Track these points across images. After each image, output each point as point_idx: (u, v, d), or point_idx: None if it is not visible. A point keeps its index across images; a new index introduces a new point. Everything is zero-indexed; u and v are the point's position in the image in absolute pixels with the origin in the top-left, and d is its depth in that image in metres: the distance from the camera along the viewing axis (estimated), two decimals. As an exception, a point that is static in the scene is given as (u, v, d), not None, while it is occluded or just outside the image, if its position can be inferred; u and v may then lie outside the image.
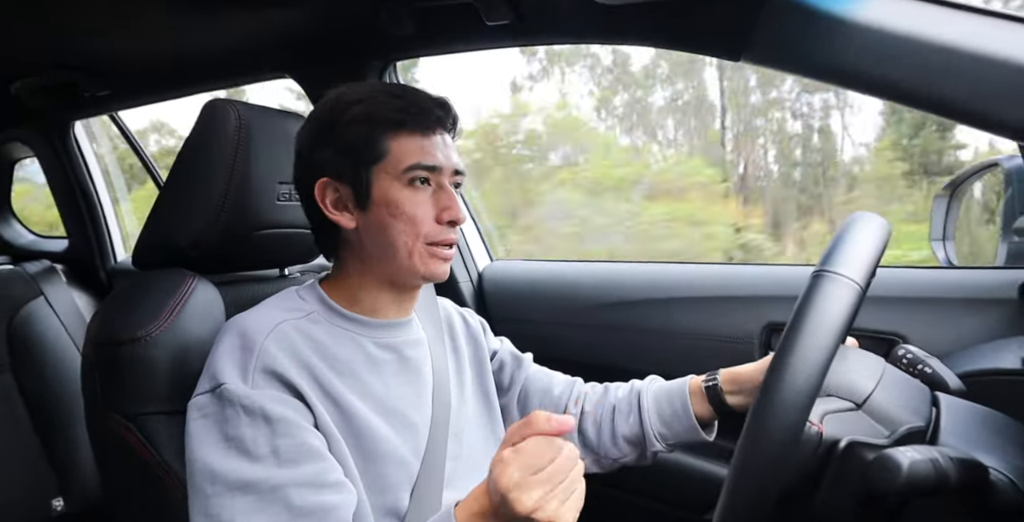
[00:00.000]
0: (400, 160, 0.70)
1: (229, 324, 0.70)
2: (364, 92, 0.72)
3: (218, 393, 0.64)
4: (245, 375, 0.64)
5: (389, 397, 0.72)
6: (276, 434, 0.63)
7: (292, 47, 1.24)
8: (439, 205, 0.72)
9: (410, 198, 0.70)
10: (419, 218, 0.70)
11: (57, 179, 1.89)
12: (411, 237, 0.71)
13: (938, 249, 1.07)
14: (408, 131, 0.70)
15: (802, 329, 0.48)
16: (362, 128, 0.70)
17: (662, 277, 1.20)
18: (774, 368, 0.48)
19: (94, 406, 0.73)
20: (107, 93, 1.50)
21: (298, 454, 0.63)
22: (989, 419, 0.57)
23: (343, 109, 0.71)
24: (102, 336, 0.73)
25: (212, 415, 0.64)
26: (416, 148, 0.70)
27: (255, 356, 0.65)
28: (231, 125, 0.79)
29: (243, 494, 0.60)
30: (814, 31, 0.75)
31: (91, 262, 1.94)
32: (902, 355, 0.70)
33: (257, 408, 0.63)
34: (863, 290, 0.49)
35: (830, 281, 0.49)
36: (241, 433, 0.62)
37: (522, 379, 0.92)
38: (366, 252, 0.73)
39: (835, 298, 0.48)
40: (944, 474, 0.45)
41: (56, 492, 1.39)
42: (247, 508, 0.60)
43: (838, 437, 0.50)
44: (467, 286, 1.37)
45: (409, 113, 0.70)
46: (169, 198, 0.82)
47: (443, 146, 0.72)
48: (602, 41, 1.02)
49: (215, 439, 0.63)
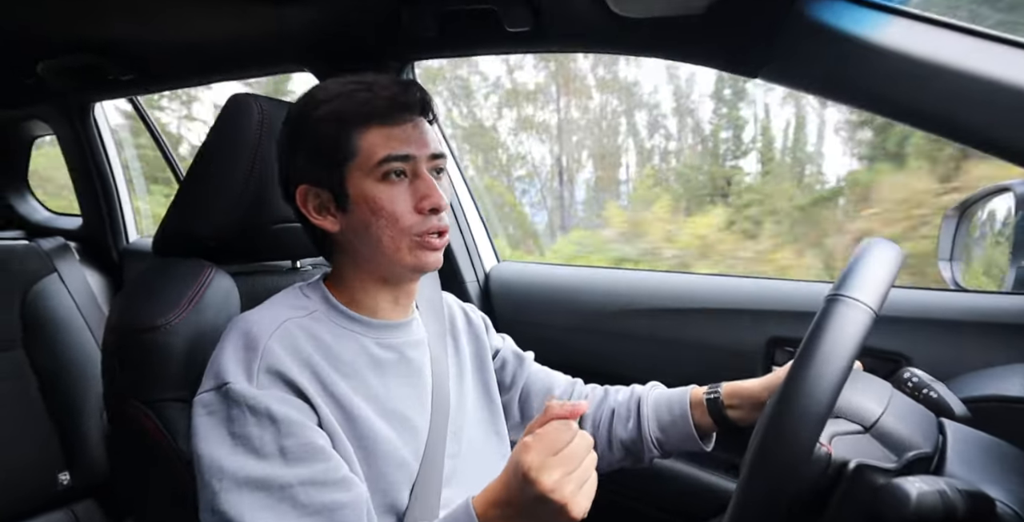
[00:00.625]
0: (370, 156, 0.68)
1: (234, 322, 0.70)
2: (333, 90, 0.70)
3: (223, 392, 0.64)
4: (250, 375, 0.65)
5: (390, 398, 0.73)
6: (282, 434, 0.63)
7: (313, 42, 1.24)
8: (417, 195, 0.70)
9: (386, 192, 0.69)
10: (399, 212, 0.69)
11: (74, 158, 1.92)
12: (395, 232, 0.70)
13: (945, 270, 1.07)
14: (376, 124, 0.69)
15: (816, 352, 0.48)
16: (330, 128, 0.69)
17: (669, 287, 1.20)
18: (787, 388, 0.48)
19: (112, 390, 0.75)
20: (129, 77, 1.52)
21: (304, 453, 0.63)
22: (994, 448, 0.57)
23: (311, 110, 0.70)
24: (123, 323, 0.75)
25: (217, 413, 0.64)
26: (385, 140, 0.69)
27: (259, 356, 0.66)
28: (253, 119, 0.80)
29: (251, 491, 0.61)
30: (834, 52, 0.75)
31: (103, 241, 1.96)
32: (907, 378, 0.70)
33: (263, 408, 0.63)
34: (875, 315, 0.50)
35: (845, 305, 0.49)
36: (247, 432, 0.63)
37: (524, 378, 0.93)
38: (356, 252, 0.74)
39: (849, 322, 0.49)
40: (952, 506, 0.45)
41: (63, 466, 1.41)
42: (255, 505, 0.61)
43: (847, 459, 0.51)
44: (473, 286, 1.38)
45: (374, 105, 0.69)
46: (190, 189, 0.83)
47: (415, 133, 0.70)
48: (619, 52, 1.02)
49: (221, 436, 0.63)
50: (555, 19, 0.99)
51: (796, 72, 0.81)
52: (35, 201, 2.23)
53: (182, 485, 0.70)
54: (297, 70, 1.39)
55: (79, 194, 1.99)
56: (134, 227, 2.02)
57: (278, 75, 1.54)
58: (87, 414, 1.44)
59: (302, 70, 1.36)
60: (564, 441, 0.56)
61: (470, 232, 1.41)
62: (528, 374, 0.93)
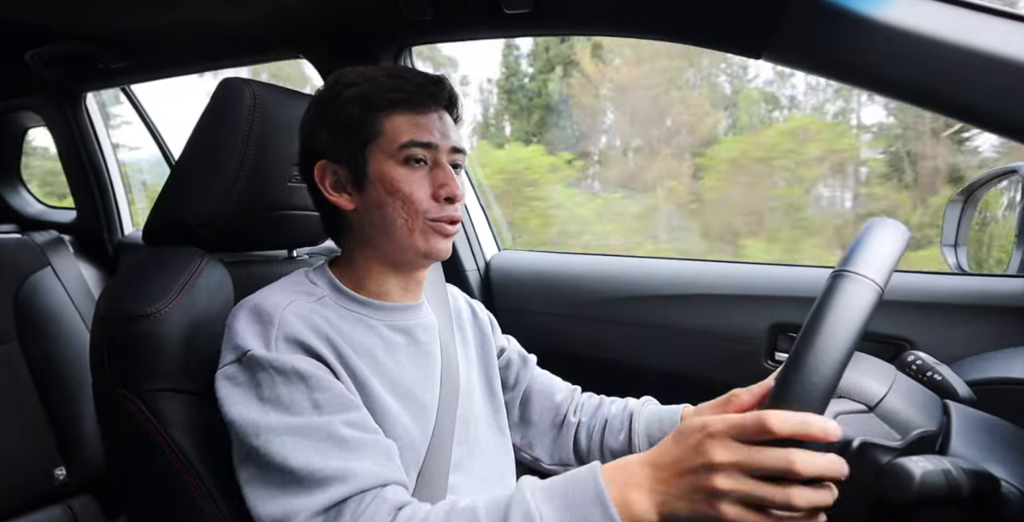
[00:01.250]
0: (394, 138, 0.70)
1: (240, 305, 0.70)
2: (362, 75, 0.72)
3: (246, 360, 0.64)
4: (268, 343, 0.65)
5: (403, 378, 0.73)
6: (312, 388, 0.63)
7: (308, 28, 1.22)
8: (436, 182, 0.71)
9: (405, 176, 0.70)
10: (416, 196, 0.70)
11: (67, 150, 1.89)
12: (410, 214, 0.71)
13: (949, 254, 1.06)
14: (402, 109, 0.70)
15: (821, 326, 0.47)
16: (356, 109, 0.70)
17: (670, 273, 1.19)
18: (791, 363, 0.48)
19: (102, 380, 0.73)
20: (121, 65, 1.49)
21: (339, 404, 0.63)
22: (999, 429, 0.57)
23: (339, 91, 0.71)
24: (112, 311, 0.73)
25: (244, 382, 0.64)
26: (410, 126, 0.70)
27: (276, 326, 0.66)
28: (246, 104, 0.78)
29: (292, 437, 0.60)
30: (838, 31, 0.74)
31: (98, 234, 1.94)
32: (911, 361, 0.70)
33: (289, 367, 0.63)
34: (882, 291, 0.49)
35: (850, 280, 0.48)
36: (277, 393, 0.62)
37: (527, 380, 0.92)
38: (367, 233, 0.74)
39: (855, 296, 0.48)
40: (956, 485, 0.45)
41: (58, 461, 1.41)
42: (297, 446, 0.60)
43: (851, 437, 0.50)
44: (474, 275, 1.37)
45: (403, 91, 0.70)
46: (181, 176, 0.82)
47: (439, 124, 0.72)
48: (620, 33, 1.00)
49: (250, 401, 0.63)
50: (556, 1, 0.97)
51: (800, 52, 0.80)
52: (28, 194, 2.20)
53: (175, 476, 0.69)
54: (292, 57, 1.37)
55: (72, 186, 1.97)
56: (129, 219, 2.00)
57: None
58: (83, 409, 1.43)
59: (298, 57, 1.34)
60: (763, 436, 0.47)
61: (471, 221, 1.40)
62: (531, 376, 0.93)
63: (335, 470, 0.59)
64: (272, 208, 0.83)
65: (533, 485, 0.56)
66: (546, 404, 0.91)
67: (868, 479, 0.49)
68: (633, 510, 0.52)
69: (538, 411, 0.91)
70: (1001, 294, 0.91)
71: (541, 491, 0.55)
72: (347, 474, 0.59)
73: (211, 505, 0.69)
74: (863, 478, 0.49)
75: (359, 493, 0.59)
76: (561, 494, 0.54)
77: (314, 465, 0.59)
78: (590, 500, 0.52)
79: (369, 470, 0.60)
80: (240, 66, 1.50)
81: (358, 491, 0.59)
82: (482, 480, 0.78)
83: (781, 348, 1.05)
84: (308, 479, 0.59)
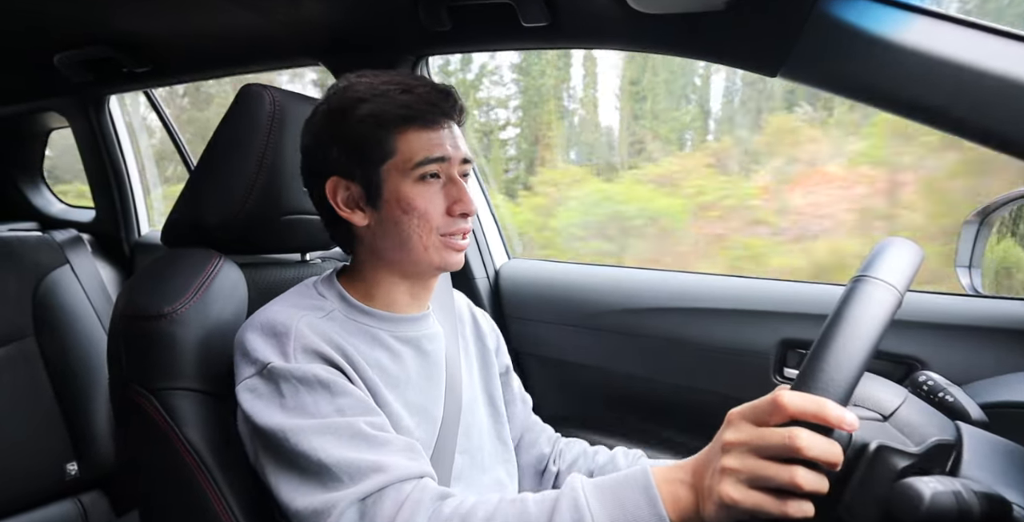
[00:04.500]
0: (409, 157, 0.70)
1: (249, 322, 0.70)
2: (371, 87, 0.71)
3: (266, 373, 0.65)
4: (287, 356, 0.65)
5: (410, 388, 0.73)
6: (335, 394, 0.64)
7: (327, 36, 1.25)
8: (450, 198, 0.72)
9: (421, 193, 0.71)
10: (431, 213, 0.71)
11: (89, 151, 1.93)
12: (424, 231, 0.71)
13: (963, 276, 1.05)
14: (416, 127, 0.71)
15: (846, 321, 0.48)
16: (369, 128, 0.70)
17: (680, 286, 1.19)
18: (811, 362, 0.48)
19: (118, 378, 0.75)
20: (144, 70, 1.53)
21: (360, 407, 0.64)
22: (1012, 452, 0.56)
23: (350, 107, 0.71)
24: (130, 310, 0.75)
25: (266, 394, 0.64)
26: (424, 143, 0.71)
27: (292, 338, 0.66)
28: (265, 110, 0.80)
29: (318, 434, 0.61)
30: (855, 51, 0.74)
31: (115, 234, 1.98)
32: (923, 381, 0.69)
33: (311, 376, 0.64)
34: (901, 298, 0.49)
35: (871, 284, 0.49)
36: (301, 402, 0.63)
37: (523, 422, 0.93)
38: (379, 247, 0.74)
39: (875, 300, 0.48)
40: (966, 507, 0.45)
41: (70, 456, 1.42)
42: (324, 441, 0.60)
43: (867, 440, 0.50)
44: (483, 283, 1.38)
45: (416, 109, 0.70)
46: (200, 178, 0.83)
47: (450, 137, 0.73)
48: (635, 48, 1.01)
49: (276, 410, 0.63)
50: (572, 14, 0.98)
51: (817, 71, 0.80)
52: (50, 193, 2.25)
53: (187, 474, 0.70)
54: (312, 64, 1.39)
55: (92, 187, 2.00)
56: (146, 220, 2.03)
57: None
58: (96, 406, 1.45)
59: (316, 64, 1.36)
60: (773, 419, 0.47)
61: (481, 229, 1.41)
62: (528, 421, 0.94)
63: (371, 462, 0.60)
64: (288, 212, 0.84)
65: (583, 480, 0.56)
66: (533, 451, 0.92)
67: (883, 484, 0.48)
68: (682, 505, 0.51)
69: (525, 455, 0.92)
70: (1015, 317, 0.90)
71: (591, 485, 0.55)
72: (383, 465, 0.59)
73: (222, 503, 0.70)
74: (878, 483, 0.49)
75: (398, 482, 0.59)
76: (611, 489, 0.54)
77: (349, 458, 0.59)
78: (639, 494, 0.52)
79: (403, 463, 0.61)
80: (260, 72, 1.52)
81: (397, 480, 0.59)
82: (483, 488, 0.78)
83: (790, 364, 1.05)
84: (345, 472, 0.59)
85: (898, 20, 0.73)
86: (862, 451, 0.49)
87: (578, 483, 0.55)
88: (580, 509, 0.53)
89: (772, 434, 0.46)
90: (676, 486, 0.52)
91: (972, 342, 0.91)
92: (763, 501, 0.46)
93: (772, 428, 0.47)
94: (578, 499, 0.53)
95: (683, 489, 0.52)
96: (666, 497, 0.52)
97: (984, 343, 0.90)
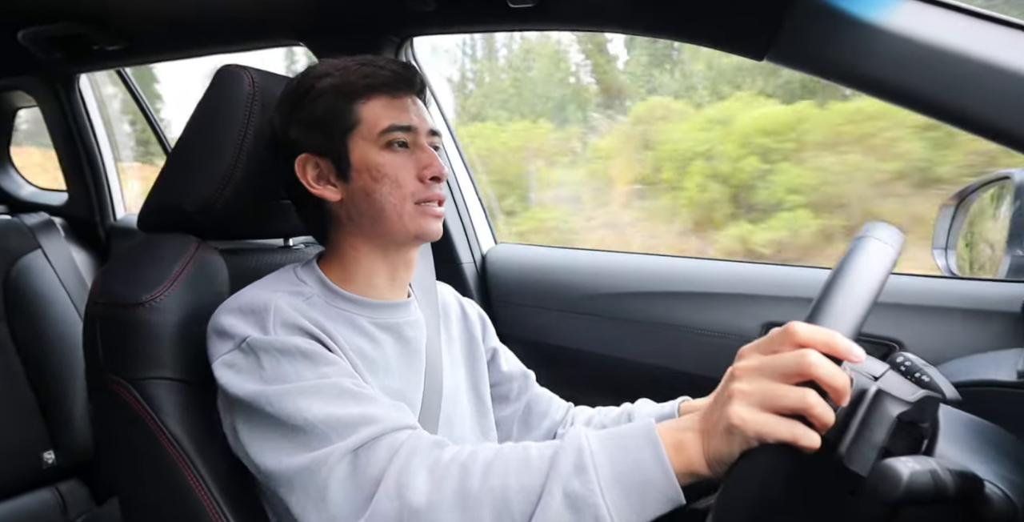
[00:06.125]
0: (374, 124, 0.70)
1: (223, 305, 0.69)
2: (333, 65, 0.72)
3: (245, 346, 0.63)
4: (266, 330, 0.64)
5: (389, 375, 0.73)
6: (317, 363, 0.62)
7: (309, 15, 1.21)
8: (419, 164, 0.72)
9: (390, 160, 0.71)
10: (402, 178, 0.71)
11: (59, 132, 1.87)
12: (398, 198, 0.71)
13: (940, 258, 1.07)
14: (378, 95, 0.71)
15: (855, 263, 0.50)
16: (331, 99, 0.70)
17: (665, 270, 1.20)
18: (823, 296, 0.49)
19: (95, 367, 0.73)
20: (117, 48, 1.47)
21: (345, 373, 0.63)
22: (985, 431, 0.58)
23: (311, 84, 0.71)
24: (106, 298, 0.73)
25: (245, 367, 0.63)
26: (388, 111, 0.71)
27: (271, 313, 0.65)
28: (244, 91, 0.78)
29: (304, 395, 0.59)
30: (842, 35, 0.74)
31: (90, 218, 1.93)
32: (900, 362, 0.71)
33: (292, 346, 0.62)
34: (896, 257, 0.52)
35: (872, 241, 0.51)
36: (282, 372, 0.61)
37: (527, 396, 0.92)
38: (355, 223, 0.73)
39: (878, 251, 0.51)
40: (943, 485, 0.46)
41: (47, 445, 1.40)
42: (311, 403, 0.58)
43: (866, 386, 0.51)
44: (470, 268, 1.37)
45: (377, 77, 0.71)
46: (178, 162, 0.81)
47: (414, 107, 0.73)
48: (623, 31, 1.00)
49: (255, 381, 0.61)
50: None
51: (804, 55, 0.80)
52: (18, 176, 2.18)
53: (168, 463, 0.69)
54: (293, 44, 1.36)
55: (64, 169, 1.94)
56: (121, 203, 1.98)
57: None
58: (72, 393, 1.43)
59: (298, 44, 1.33)
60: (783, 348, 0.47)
61: (467, 213, 1.40)
62: (532, 394, 0.93)
63: (359, 414, 0.58)
64: (269, 196, 0.83)
65: (587, 430, 0.55)
66: (545, 421, 0.90)
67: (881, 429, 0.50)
68: (687, 451, 0.51)
69: (536, 428, 0.91)
70: (990, 299, 0.92)
71: (595, 434, 0.54)
72: (373, 417, 0.58)
73: (205, 492, 0.69)
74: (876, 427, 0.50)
75: (391, 431, 0.58)
76: (613, 436, 0.54)
77: (336, 414, 0.58)
78: (640, 440, 0.52)
79: (393, 414, 0.59)
80: (239, 52, 1.48)
81: (390, 430, 0.58)
82: None
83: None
84: (332, 428, 0.57)
85: (885, 4, 0.74)
86: (862, 394, 0.50)
87: (581, 431, 0.55)
88: (582, 452, 0.52)
89: (784, 355, 0.47)
90: (679, 433, 0.52)
91: (949, 323, 0.94)
92: (772, 421, 0.46)
93: (784, 352, 0.47)
94: (580, 445, 0.52)
95: (687, 434, 0.51)
96: (668, 442, 0.51)
97: (960, 324, 0.93)
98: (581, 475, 0.51)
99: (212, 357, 0.66)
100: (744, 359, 0.50)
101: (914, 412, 0.51)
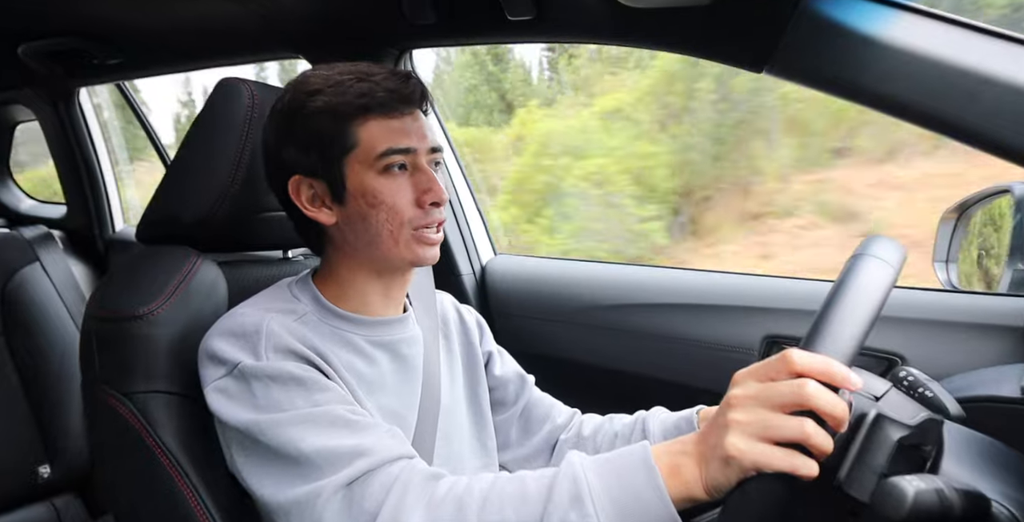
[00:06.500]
0: (371, 148, 0.67)
1: (215, 328, 0.67)
2: (326, 80, 0.68)
3: (237, 372, 0.62)
4: (258, 355, 0.63)
5: (385, 393, 0.72)
6: (310, 390, 0.61)
7: (308, 28, 1.22)
8: (419, 188, 0.69)
9: (387, 186, 0.68)
10: (400, 205, 0.68)
11: (58, 145, 1.87)
12: (394, 225, 0.68)
13: (941, 271, 1.07)
14: (375, 116, 0.67)
15: (851, 285, 0.49)
16: (326, 120, 0.67)
17: (666, 282, 1.19)
18: (819, 321, 0.49)
19: (91, 380, 0.72)
20: (116, 62, 1.48)
21: (339, 399, 0.62)
22: (989, 448, 0.58)
23: (303, 101, 0.67)
24: (104, 310, 0.72)
25: (237, 394, 0.62)
26: (386, 133, 0.67)
27: (263, 337, 0.64)
28: (244, 104, 0.78)
29: (297, 425, 0.59)
30: (842, 48, 0.74)
31: (89, 231, 1.92)
32: (903, 377, 0.70)
33: (284, 373, 0.61)
34: (896, 276, 0.51)
35: (870, 260, 0.51)
36: (274, 399, 0.60)
37: (525, 399, 0.90)
38: (350, 245, 0.72)
39: (876, 272, 0.50)
40: (948, 504, 0.45)
41: (43, 459, 1.39)
42: (305, 433, 0.58)
43: (866, 410, 0.51)
44: (469, 279, 1.37)
45: (374, 97, 0.66)
46: (177, 174, 0.81)
47: (414, 125, 0.69)
48: (621, 43, 1.01)
49: (248, 409, 0.61)
50: (558, 8, 0.97)
51: (802, 68, 0.80)
52: (18, 189, 2.18)
53: (164, 478, 0.68)
54: (291, 57, 1.36)
55: (63, 182, 1.94)
56: (120, 216, 1.98)
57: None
58: (68, 407, 1.41)
59: (296, 57, 1.34)
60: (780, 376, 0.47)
61: (467, 224, 1.39)
62: (530, 396, 0.91)
63: (351, 446, 0.57)
64: (268, 209, 0.82)
65: (582, 456, 0.55)
66: (545, 427, 0.88)
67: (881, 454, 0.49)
68: (684, 477, 0.50)
69: (536, 433, 0.88)
70: (992, 313, 0.92)
71: (590, 461, 0.54)
72: (366, 449, 0.57)
73: (202, 508, 0.68)
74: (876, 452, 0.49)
75: (385, 464, 0.57)
76: (609, 463, 0.53)
77: (329, 446, 0.57)
78: (636, 467, 0.51)
79: (387, 444, 0.59)
80: (238, 64, 1.49)
81: (383, 463, 0.57)
82: None
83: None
84: (325, 460, 0.57)
85: (884, 17, 0.74)
86: (861, 419, 0.50)
87: (576, 459, 0.54)
88: (578, 482, 0.51)
89: (781, 385, 0.46)
90: (676, 457, 0.51)
91: (951, 337, 0.93)
92: (769, 453, 0.45)
93: (782, 381, 0.46)
94: (576, 474, 0.52)
95: (684, 459, 0.51)
96: (665, 468, 0.51)
97: (962, 338, 0.92)
98: (578, 506, 0.50)
99: (204, 382, 0.65)
100: (740, 386, 0.49)
101: (915, 436, 0.50)
